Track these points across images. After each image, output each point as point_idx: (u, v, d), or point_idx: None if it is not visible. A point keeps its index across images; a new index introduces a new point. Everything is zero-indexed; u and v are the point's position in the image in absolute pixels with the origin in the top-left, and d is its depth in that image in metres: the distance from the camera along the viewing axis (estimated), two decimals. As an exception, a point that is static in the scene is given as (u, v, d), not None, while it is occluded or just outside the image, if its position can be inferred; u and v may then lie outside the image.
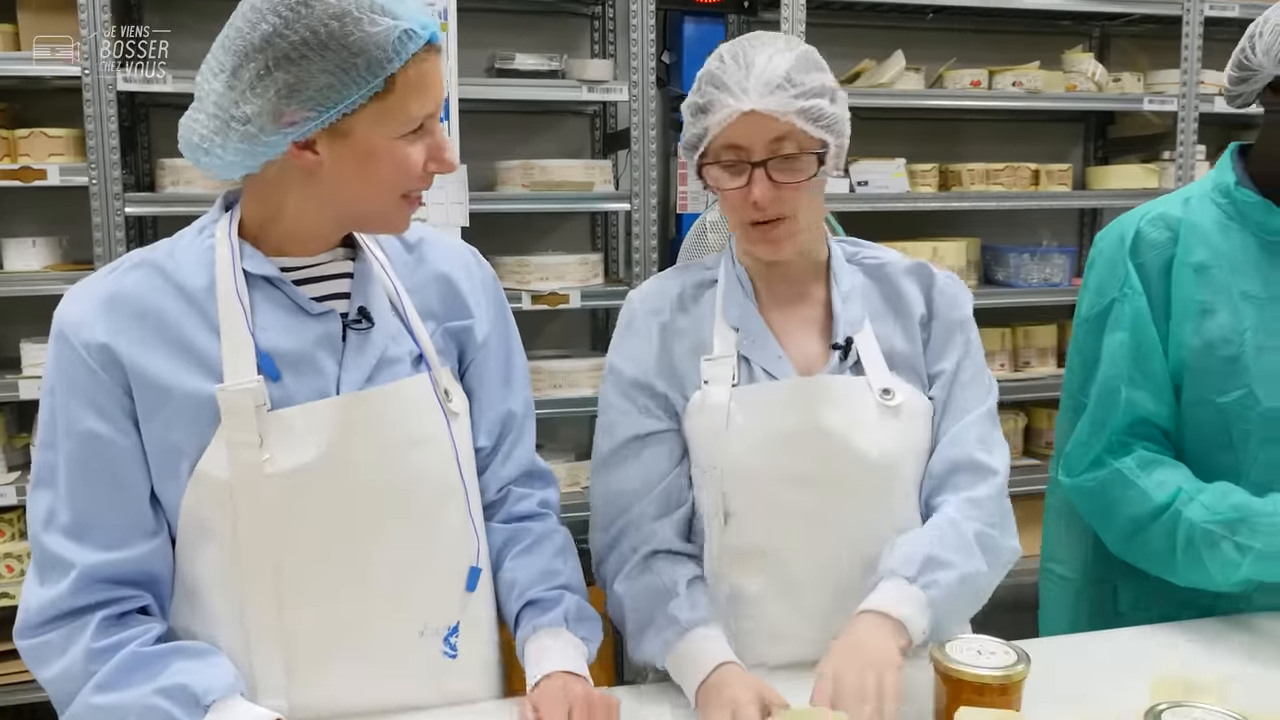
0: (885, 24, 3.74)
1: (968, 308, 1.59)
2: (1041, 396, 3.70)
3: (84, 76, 2.77)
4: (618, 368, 1.57)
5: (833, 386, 1.49)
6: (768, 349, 1.52)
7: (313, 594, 1.28)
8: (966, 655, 1.26)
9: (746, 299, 1.55)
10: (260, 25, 1.16)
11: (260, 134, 1.18)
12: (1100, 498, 1.68)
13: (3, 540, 2.90)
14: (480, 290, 1.46)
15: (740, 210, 1.45)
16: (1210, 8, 3.54)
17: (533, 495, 1.49)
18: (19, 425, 3.08)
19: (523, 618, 1.40)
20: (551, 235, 3.59)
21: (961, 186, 3.58)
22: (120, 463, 1.24)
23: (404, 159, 1.23)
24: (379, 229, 1.34)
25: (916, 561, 1.38)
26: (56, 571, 1.23)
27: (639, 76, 3.15)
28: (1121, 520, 1.65)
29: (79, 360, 1.23)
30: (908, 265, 1.59)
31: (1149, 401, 1.66)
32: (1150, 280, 1.67)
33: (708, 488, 1.51)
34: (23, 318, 3.11)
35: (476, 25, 3.19)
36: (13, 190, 2.97)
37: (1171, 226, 1.68)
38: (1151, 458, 1.65)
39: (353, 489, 1.28)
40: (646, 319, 1.58)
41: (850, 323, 1.52)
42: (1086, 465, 1.69)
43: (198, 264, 1.28)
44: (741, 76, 1.40)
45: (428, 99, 1.23)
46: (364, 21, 1.15)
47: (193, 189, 2.94)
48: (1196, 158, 3.64)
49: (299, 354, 1.27)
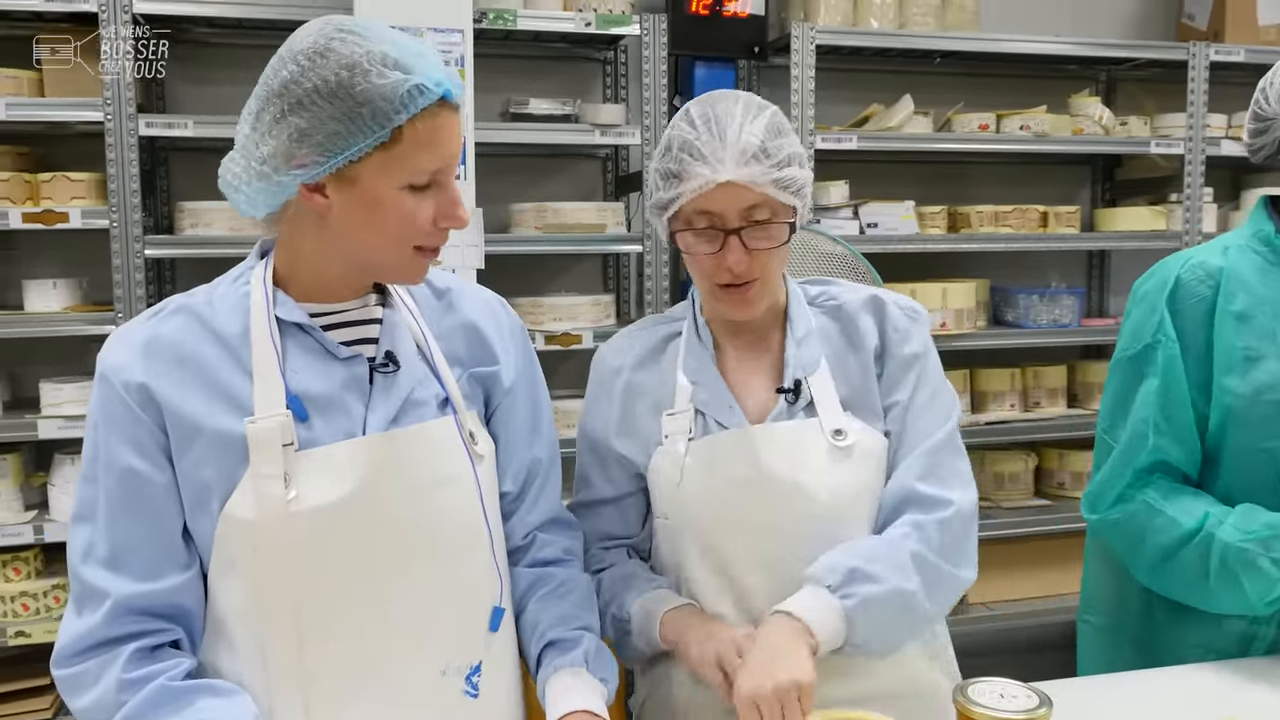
0: (893, 69, 3.79)
1: (920, 340, 1.56)
2: (1051, 437, 3.71)
3: (106, 121, 2.82)
4: (584, 427, 1.64)
5: (778, 433, 1.50)
6: (720, 399, 1.53)
7: (335, 632, 1.29)
8: (989, 699, 1.27)
9: (704, 351, 1.57)
10: (281, 72, 1.22)
11: (273, 174, 1.23)
12: (1128, 529, 1.69)
13: (19, 578, 2.91)
14: (508, 338, 1.48)
15: (713, 275, 1.47)
16: (1215, 52, 3.58)
17: (557, 542, 1.51)
18: (36, 465, 3.11)
19: (543, 658, 1.42)
20: (564, 276, 3.62)
21: (970, 228, 3.61)
22: (156, 498, 1.27)
23: (410, 211, 1.25)
24: (392, 279, 1.36)
25: (840, 571, 1.39)
26: (93, 602, 1.25)
27: (651, 120, 3.19)
28: (1150, 549, 1.66)
29: (119, 400, 1.27)
30: (863, 300, 1.59)
31: (1174, 448, 1.68)
32: (1189, 328, 1.68)
33: (664, 542, 1.57)
34: (43, 358, 3.15)
35: (492, 71, 3.25)
36: (35, 233, 3.02)
37: (1212, 275, 1.68)
38: (1174, 486, 1.67)
39: (377, 528, 1.29)
40: (610, 378, 1.61)
41: (802, 365, 1.53)
42: (1111, 501, 1.70)
43: (233, 311, 1.32)
44: (717, 146, 1.40)
45: (437, 154, 1.25)
46: (372, 74, 1.19)
47: (211, 231, 2.98)
48: (1204, 200, 3.67)
49: (327, 397, 1.30)
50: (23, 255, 3.19)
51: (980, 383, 3.72)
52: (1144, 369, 1.70)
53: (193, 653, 1.30)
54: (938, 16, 3.56)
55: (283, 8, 2.94)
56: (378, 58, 1.20)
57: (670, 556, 1.57)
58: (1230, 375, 1.64)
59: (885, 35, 3.47)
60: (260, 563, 1.26)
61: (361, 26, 1.24)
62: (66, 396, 2.89)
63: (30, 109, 2.83)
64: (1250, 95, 1.77)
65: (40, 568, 2.98)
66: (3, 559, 2.91)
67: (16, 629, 2.84)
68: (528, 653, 1.45)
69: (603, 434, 1.60)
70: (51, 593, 2.91)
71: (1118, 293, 4.14)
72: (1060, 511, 3.62)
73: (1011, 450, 3.78)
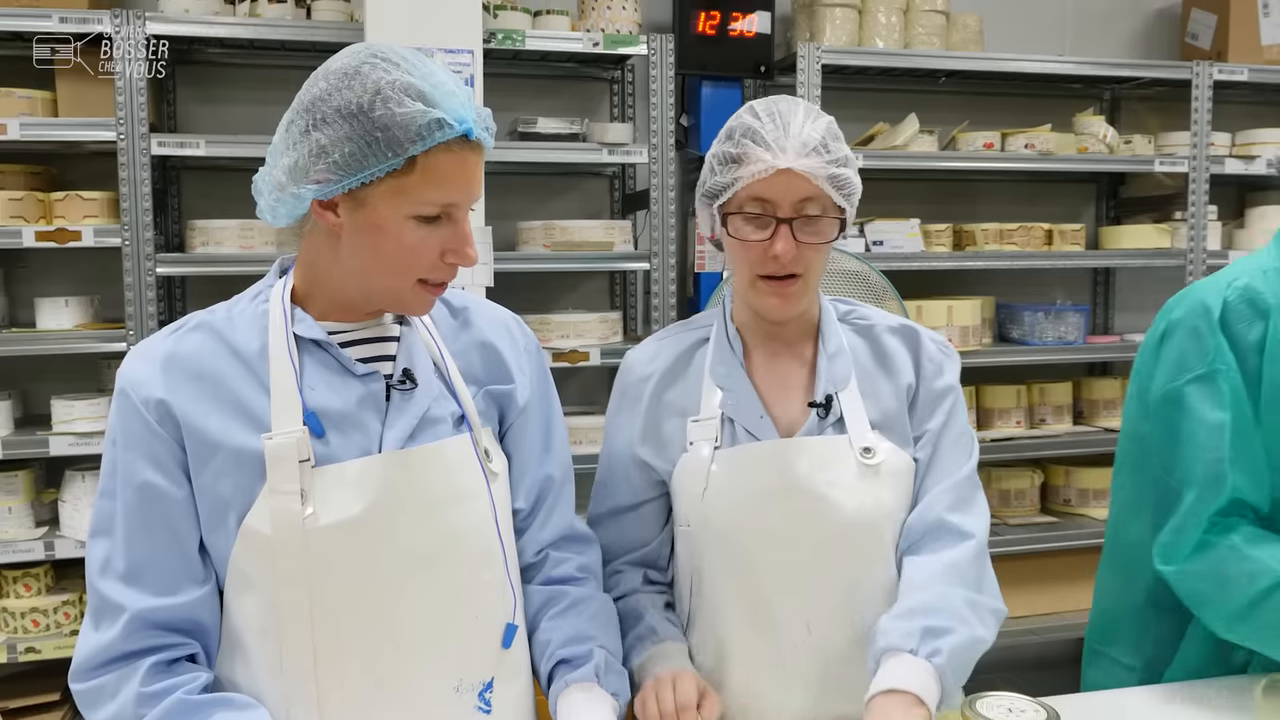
0: (899, 88, 3.81)
1: (953, 374, 1.60)
2: (1057, 454, 3.72)
3: (119, 141, 2.85)
4: (610, 435, 1.64)
5: (810, 447, 1.51)
6: (751, 409, 1.54)
7: (349, 647, 1.30)
8: (997, 713, 1.28)
9: (734, 358, 1.57)
10: (313, 88, 1.25)
11: (291, 184, 1.26)
12: (1211, 578, 1.57)
13: (30, 594, 2.93)
14: (524, 356, 1.49)
15: (759, 263, 1.48)
16: (1219, 72, 3.60)
17: (571, 560, 1.52)
18: (48, 481, 3.12)
19: (555, 675, 1.42)
20: (572, 294, 3.65)
21: (976, 246, 3.62)
22: (174, 513, 1.28)
23: (415, 242, 1.27)
24: (394, 308, 1.36)
25: (915, 634, 1.38)
26: (110, 616, 1.26)
27: (658, 139, 3.22)
28: (1236, 596, 1.55)
29: (138, 415, 1.28)
30: (893, 325, 1.61)
31: (1250, 486, 1.57)
32: (1240, 356, 1.58)
33: (684, 548, 1.57)
34: (54, 375, 3.18)
35: (501, 90, 3.27)
36: (48, 251, 3.04)
37: (1260, 302, 1.58)
38: (1259, 533, 1.57)
39: (392, 545, 1.31)
40: (638, 386, 1.62)
41: (834, 380, 1.54)
42: (1190, 549, 1.58)
43: (251, 328, 1.33)
44: (780, 134, 1.44)
45: (450, 189, 1.26)
46: (393, 101, 1.21)
47: (222, 249, 3.01)
48: (1208, 218, 3.68)
49: (344, 414, 1.31)
50: (35, 273, 3.22)
51: (986, 399, 3.73)
52: (1206, 401, 1.58)
53: (209, 666, 1.31)
54: (942, 36, 3.59)
55: (293, 29, 2.97)
56: (402, 86, 1.22)
57: (689, 563, 1.57)
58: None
59: (890, 55, 3.49)
60: (276, 577, 1.27)
61: (399, 56, 1.26)
62: (78, 413, 2.91)
63: (44, 129, 2.86)
64: (1254, 114, 1.76)
65: (50, 584, 2.99)
66: (13, 575, 2.92)
67: (27, 645, 2.85)
68: (540, 670, 1.46)
69: (627, 442, 1.60)
70: (61, 609, 2.92)
71: (1123, 310, 4.15)
72: (1066, 528, 3.63)
73: (1017, 467, 3.79)
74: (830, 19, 3.48)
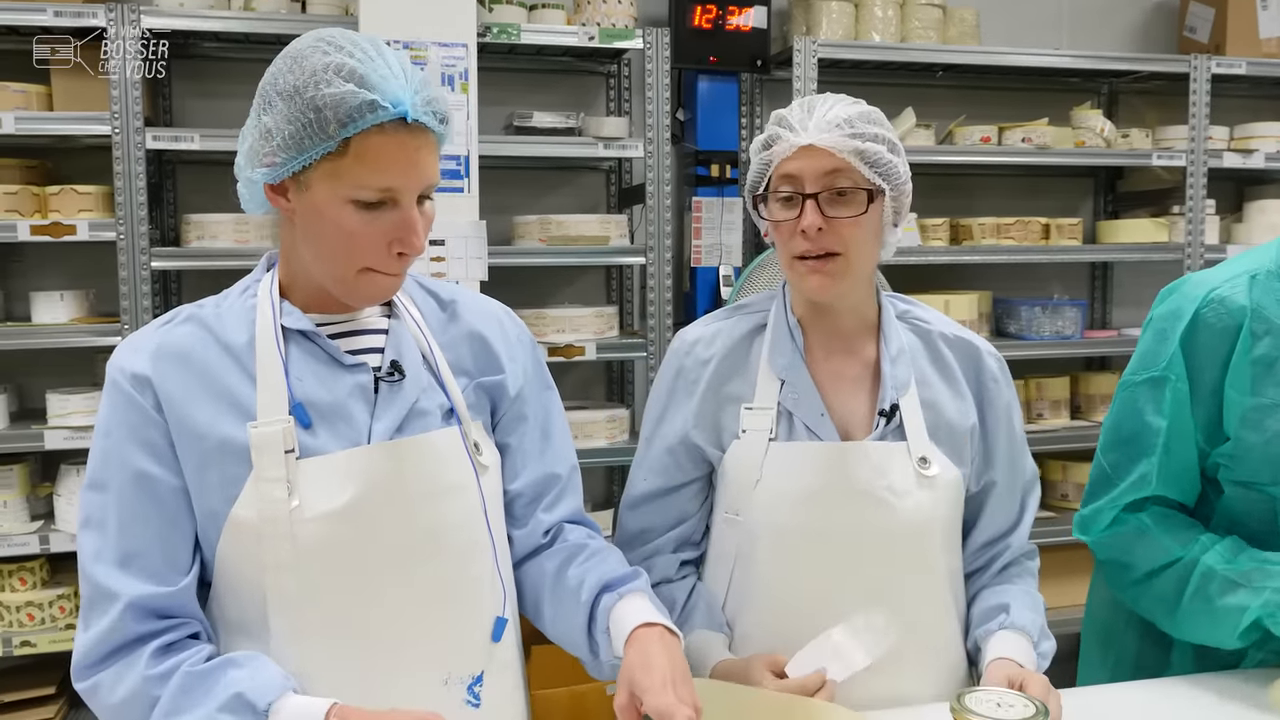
0: (895, 82, 3.81)
1: (1011, 387, 1.64)
2: (1054, 449, 3.71)
3: (114, 135, 2.84)
4: (660, 415, 1.62)
5: (871, 453, 1.51)
6: (812, 406, 1.53)
7: (336, 639, 1.30)
8: (985, 707, 1.28)
9: (795, 350, 1.56)
10: (268, 74, 1.28)
11: (246, 167, 1.28)
12: (1117, 548, 1.69)
13: (25, 588, 2.93)
14: (515, 346, 1.49)
15: (790, 242, 1.49)
16: (1217, 65, 3.60)
17: (585, 532, 1.50)
18: (43, 475, 3.12)
19: (600, 600, 1.37)
20: (568, 288, 3.64)
21: (973, 240, 3.62)
22: (169, 501, 1.28)
23: (355, 227, 1.25)
24: (342, 296, 1.33)
25: (1037, 627, 1.54)
26: (104, 603, 1.26)
27: (654, 133, 3.21)
28: (1135, 568, 1.67)
29: (131, 403, 1.28)
30: (952, 336, 1.62)
31: (1174, 489, 1.67)
32: (1203, 365, 1.61)
33: (729, 534, 1.55)
34: (49, 369, 3.17)
35: (496, 84, 3.27)
36: (43, 245, 3.04)
37: (1234, 315, 1.59)
38: (1167, 513, 1.67)
39: (379, 537, 1.30)
40: (697, 369, 1.60)
41: (898, 386, 1.53)
42: (1104, 525, 1.70)
43: (239, 321, 1.33)
44: (804, 116, 1.48)
45: (387, 173, 1.23)
46: (323, 83, 1.21)
47: (216, 243, 3.01)
48: (1206, 212, 3.68)
49: (332, 405, 1.31)
50: (30, 267, 3.22)
51: (983, 394, 3.72)
52: (1150, 404, 1.65)
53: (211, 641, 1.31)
54: (939, 30, 3.58)
55: (288, 22, 2.97)
56: (337, 68, 1.22)
57: (731, 549, 1.56)
58: (1244, 426, 1.59)
59: (887, 49, 3.49)
60: (263, 567, 1.27)
61: (349, 40, 1.25)
62: (73, 407, 2.91)
63: (39, 123, 2.86)
64: (1252, 107, 1.75)
65: (46, 578, 2.99)
66: (9, 569, 2.92)
67: (22, 639, 2.86)
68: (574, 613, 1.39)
69: (681, 424, 1.59)
70: (57, 603, 2.93)
71: (1120, 304, 4.14)
72: (1063, 524, 3.62)
73: (1014, 462, 3.77)
74: (826, 12, 3.47)
